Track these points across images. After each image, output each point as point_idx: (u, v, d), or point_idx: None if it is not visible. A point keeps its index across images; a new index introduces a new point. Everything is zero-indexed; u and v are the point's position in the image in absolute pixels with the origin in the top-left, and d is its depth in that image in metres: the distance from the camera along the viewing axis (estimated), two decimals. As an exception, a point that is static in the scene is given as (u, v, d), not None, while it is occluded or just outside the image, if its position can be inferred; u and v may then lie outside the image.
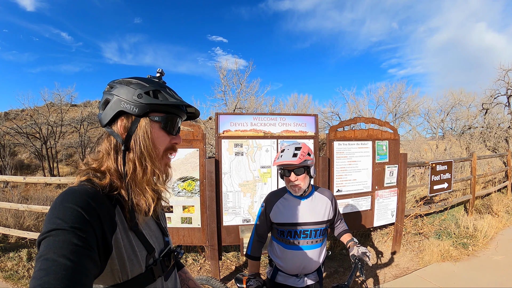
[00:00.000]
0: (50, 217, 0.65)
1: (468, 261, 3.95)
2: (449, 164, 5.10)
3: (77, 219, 0.65)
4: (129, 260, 0.78)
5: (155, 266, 0.86)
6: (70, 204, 0.67)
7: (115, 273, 0.75)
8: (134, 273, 0.79)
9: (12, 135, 17.32)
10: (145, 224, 0.91)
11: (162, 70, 0.94)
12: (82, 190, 0.73)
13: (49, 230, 0.62)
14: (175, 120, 0.89)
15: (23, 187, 10.94)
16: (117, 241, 0.75)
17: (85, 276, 0.59)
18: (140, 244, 0.83)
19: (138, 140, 0.82)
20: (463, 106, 16.13)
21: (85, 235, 0.64)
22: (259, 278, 1.81)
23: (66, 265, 0.57)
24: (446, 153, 11.06)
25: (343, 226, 2.06)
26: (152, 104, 0.82)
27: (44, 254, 0.58)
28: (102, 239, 0.70)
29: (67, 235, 0.61)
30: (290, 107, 19.36)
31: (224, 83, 13.01)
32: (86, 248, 0.63)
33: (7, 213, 5.02)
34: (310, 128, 3.53)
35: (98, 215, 0.71)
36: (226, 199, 3.38)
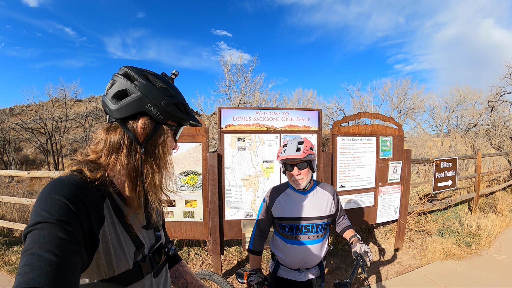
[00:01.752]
0: (36, 209, 0.63)
1: (471, 259, 3.92)
2: (453, 162, 5.06)
3: (63, 212, 0.63)
4: (115, 255, 0.76)
5: (143, 262, 0.84)
6: (57, 196, 0.65)
7: (101, 268, 0.73)
8: (121, 269, 0.77)
9: (17, 131, 17.47)
10: (135, 218, 0.88)
11: (177, 71, 0.94)
12: (70, 181, 0.71)
13: (34, 223, 0.60)
14: (181, 130, 0.95)
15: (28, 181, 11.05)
16: (104, 235, 0.73)
17: (71, 272, 0.58)
18: (128, 239, 0.81)
19: (157, 145, 0.84)
20: (468, 103, 16.00)
21: (71, 228, 0.62)
22: (260, 273, 1.82)
23: (52, 260, 0.55)
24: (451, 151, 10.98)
25: (346, 222, 2.06)
26: (177, 117, 0.87)
27: (30, 249, 0.57)
28: (89, 232, 0.69)
29: (52, 228, 0.60)
30: (294, 102, 19.31)
31: (228, 78, 12.99)
32: (72, 242, 0.61)
33: (12, 207, 5.11)
34: (313, 122, 3.51)
35: (85, 207, 0.69)
36: (229, 194, 3.38)
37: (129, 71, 0.83)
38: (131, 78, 0.82)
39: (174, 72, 0.92)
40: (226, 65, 12.95)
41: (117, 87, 0.82)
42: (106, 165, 0.81)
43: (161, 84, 0.83)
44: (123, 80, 0.82)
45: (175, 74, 0.92)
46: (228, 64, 12.99)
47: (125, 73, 0.83)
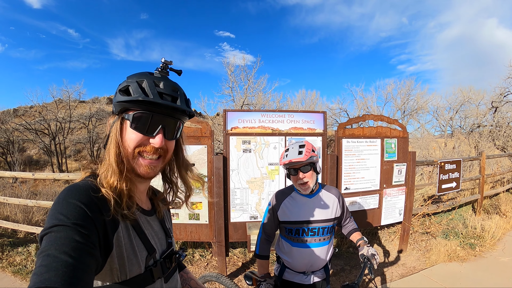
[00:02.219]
0: (53, 213, 0.65)
1: (475, 261, 3.91)
2: (458, 163, 5.04)
3: (79, 216, 0.65)
4: (128, 259, 0.77)
5: (155, 267, 0.85)
6: (73, 200, 0.67)
7: (114, 272, 0.75)
8: (133, 273, 0.78)
9: (21, 131, 17.59)
10: (148, 224, 0.90)
11: (165, 59, 0.87)
12: (85, 186, 0.73)
13: (51, 226, 0.62)
14: (146, 117, 0.80)
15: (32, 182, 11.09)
16: (118, 239, 0.75)
17: (86, 274, 0.59)
18: (141, 244, 0.83)
19: (110, 138, 0.81)
20: (472, 104, 15.89)
21: (87, 232, 0.64)
22: (269, 280, 1.83)
23: (67, 262, 0.56)
24: (454, 152, 10.93)
25: (352, 225, 2.06)
26: (120, 102, 0.79)
27: (46, 250, 0.58)
28: (103, 236, 0.70)
29: (69, 231, 0.61)
30: (297, 103, 19.25)
31: (231, 79, 13.00)
32: (88, 245, 0.62)
33: (16, 208, 5.12)
34: (318, 125, 3.52)
35: (101, 212, 0.70)
36: (234, 196, 3.40)
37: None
38: None
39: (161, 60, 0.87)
40: (230, 67, 12.97)
41: None
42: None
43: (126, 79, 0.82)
44: None
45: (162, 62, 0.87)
46: (231, 65, 13.01)
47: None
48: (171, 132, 0.86)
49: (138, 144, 0.81)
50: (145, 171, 0.83)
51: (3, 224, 4.40)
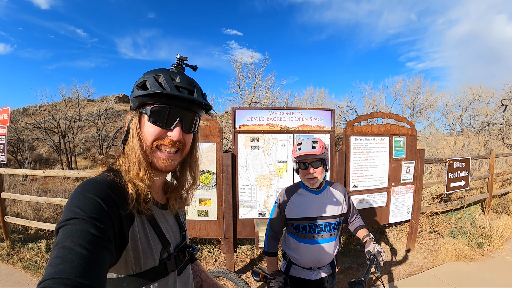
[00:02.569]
0: (70, 206, 0.66)
1: (482, 261, 3.88)
2: (466, 162, 4.99)
3: (95, 209, 0.66)
4: (143, 253, 0.78)
5: (169, 260, 0.87)
6: (90, 194, 0.68)
7: (128, 264, 0.76)
8: (147, 266, 0.80)
9: (31, 130, 17.86)
10: (163, 217, 0.92)
11: (180, 55, 0.88)
12: (103, 181, 0.74)
13: (67, 219, 0.63)
14: (165, 111, 0.81)
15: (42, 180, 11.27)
16: (133, 233, 0.76)
17: (100, 266, 0.60)
18: (156, 238, 0.84)
19: (130, 133, 0.83)
20: (482, 102, 15.68)
21: (103, 225, 0.65)
22: (279, 278, 1.84)
23: (82, 254, 0.57)
24: (464, 150, 10.80)
25: (359, 222, 2.07)
26: (138, 97, 0.81)
27: (61, 242, 0.59)
28: (119, 230, 0.71)
29: (85, 224, 0.62)
30: (306, 101, 19.21)
31: (239, 77, 13.04)
32: (103, 238, 0.63)
33: (27, 205, 5.21)
34: (326, 122, 3.52)
35: (117, 206, 0.72)
36: (242, 193, 3.43)
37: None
38: None
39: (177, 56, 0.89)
40: (237, 65, 13.01)
41: None
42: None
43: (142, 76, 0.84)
44: None
45: (178, 58, 0.89)
46: (239, 64, 13.04)
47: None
48: (188, 125, 0.87)
49: (156, 137, 0.82)
50: (163, 164, 0.84)
51: (14, 221, 4.48)
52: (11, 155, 16.13)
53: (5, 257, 3.97)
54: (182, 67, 0.88)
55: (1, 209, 4.43)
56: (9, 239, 4.40)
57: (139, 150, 0.80)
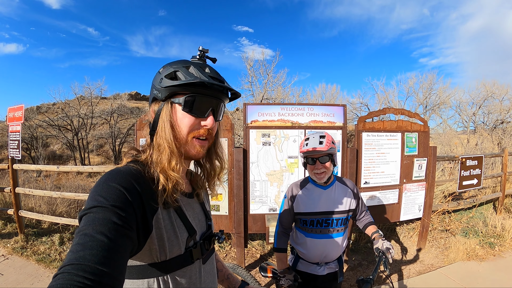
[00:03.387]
0: (93, 195, 0.67)
1: (493, 261, 3.82)
2: (479, 159, 4.91)
3: (119, 198, 0.66)
4: (169, 241, 0.79)
5: (194, 248, 0.87)
6: (114, 184, 0.69)
7: (153, 252, 0.77)
8: (173, 254, 0.81)
9: (45, 128, 18.25)
10: (189, 206, 0.93)
11: (202, 47, 0.90)
12: (127, 171, 0.75)
13: (90, 207, 0.64)
14: (199, 100, 0.82)
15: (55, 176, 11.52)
16: (158, 221, 0.77)
17: (120, 255, 0.60)
18: (182, 226, 0.85)
19: (161, 124, 0.82)
20: (495, 99, 15.33)
21: (125, 214, 0.65)
22: (289, 275, 1.85)
23: (103, 242, 0.58)
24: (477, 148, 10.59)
25: (368, 218, 2.05)
26: (169, 87, 0.81)
27: (83, 230, 0.59)
28: (142, 219, 0.71)
29: (107, 212, 0.63)
30: (318, 97, 19.09)
31: (251, 74, 13.02)
32: (125, 227, 0.63)
33: (41, 200, 5.32)
34: (338, 118, 3.52)
35: (140, 196, 0.72)
36: (254, 188, 3.45)
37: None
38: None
39: (199, 48, 0.90)
40: (249, 61, 12.99)
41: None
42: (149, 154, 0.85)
43: (165, 66, 0.85)
44: None
45: (200, 50, 0.90)
46: (250, 60, 13.02)
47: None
48: (218, 113, 0.88)
49: (192, 127, 0.83)
50: (197, 151, 0.86)
51: (28, 215, 4.59)
52: (25, 152, 16.53)
53: (19, 250, 4.08)
54: (204, 59, 0.89)
55: (16, 203, 4.56)
56: (23, 233, 4.53)
57: (173, 140, 0.81)
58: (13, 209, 4.59)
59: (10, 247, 4.19)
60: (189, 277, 0.86)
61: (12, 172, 4.58)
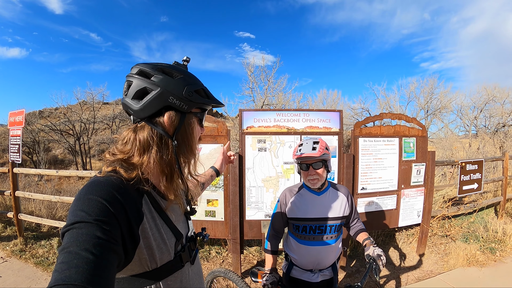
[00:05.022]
0: (74, 209, 0.65)
1: (494, 267, 3.76)
2: (479, 164, 4.87)
3: (101, 212, 0.64)
4: (158, 248, 0.78)
5: (183, 252, 0.88)
6: (95, 196, 0.66)
7: (143, 262, 0.76)
8: (164, 261, 0.80)
9: (47, 132, 18.36)
10: (172, 209, 0.91)
11: (188, 57, 0.94)
12: (108, 182, 0.72)
13: (72, 223, 0.62)
14: (205, 114, 0.96)
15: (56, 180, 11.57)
16: (144, 231, 0.75)
17: (107, 270, 0.59)
18: (169, 231, 0.84)
19: (187, 135, 0.85)
20: (497, 103, 15.29)
21: (109, 227, 0.63)
22: (275, 273, 1.84)
23: (88, 258, 0.56)
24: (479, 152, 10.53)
25: (359, 225, 2.04)
26: (201, 103, 0.88)
27: (67, 247, 0.58)
28: (128, 230, 0.70)
29: (90, 228, 0.61)
30: (319, 103, 19.19)
31: (251, 80, 13.15)
32: (109, 241, 0.62)
33: (40, 204, 5.35)
34: (334, 124, 3.50)
35: (123, 207, 0.70)
36: (249, 194, 3.44)
37: (143, 68, 0.83)
38: (147, 75, 0.82)
39: (185, 59, 0.92)
40: (250, 67, 13.11)
41: (135, 87, 0.81)
42: (139, 164, 0.81)
43: (177, 75, 0.83)
44: (139, 78, 0.81)
45: (186, 61, 0.92)
46: (251, 66, 13.14)
47: (139, 71, 0.83)
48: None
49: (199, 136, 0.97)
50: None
51: (27, 218, 4.61)
52: (27, 156, 16.62)
53: (18, 253, 4.10)
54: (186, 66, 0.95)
55: (16, 207, 4.59)
56: (22, 236, 4.55)
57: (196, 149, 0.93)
58: (13, 212, 4.62)
59: (9, 250, 4.20)
60: (180, 281, 0.87)
61: (12, 176, 4.61)
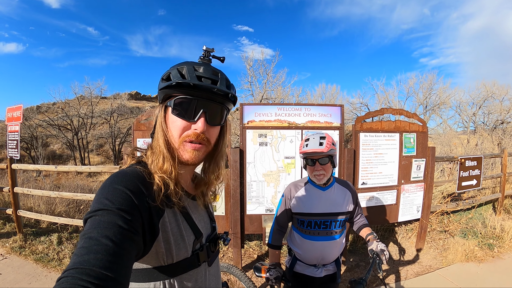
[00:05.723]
0: (99, 197, 0.66)
1: (492, 262, 3.81)
2: (478, 160, 4.89)
3: (124, 201, 0.66)
4: (175, 244, 0.78)
5: (201, 251, 0.87)
6: (120, 186, 0.68)
7: (159, 256, 0.76)
8: (180, 257, 0.80)
9: (44, 127, 18.27)
10: (195, 208, 0.92)
11: (207, 47, 0.87)
12: (133, 173, 0.74)
13: (96, 210, 0.63)
14: (187, 103, 0.79)
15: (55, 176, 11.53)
16: (164, 224, 0.76)
17: (125, 258, 0.60)
18: (188, 229, 0.84)
19: (156, 127, 0.83)
20: (496, 99, 15.32)
21: (131, 217, 0.64)
22: (279, 268, 1.84)
23: (108, 245, 0.57)
24: (477, 149, 10.56)
25: (363, 220, 2.05)
26: (162, 89, 0.80)
27: (88, 233, 0.59)
28: (148, 222, 0.71)
29: (112, 216, 0.62)
30: (317, 97, 19.13)
31: (250, 74, 13.09)
32: (130, 231, 0.63)
33: (39, 200, 5.31)
34: (335, 118, 3.50)
35: (147, 199, 0.71)
36: (250, 189, 3.44)
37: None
38: None
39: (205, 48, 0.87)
40: (248, 61, 13.04)
41: None
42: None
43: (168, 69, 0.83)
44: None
45: (204, 50, 0.87)
46: (250, 60, 13.07)
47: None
48: (213, 117, 0.83)
49: (182, 130, 0.80)
50: (189, 157, 0.82)
51: (26, 215, 4.59)
52: (25, 152, 16.55)
53: (18, 250, 4.08)
54: (208, 59, 0.86)
55: (14, 203, 4.55)
56: (22, 233, 4.52)
57: (164, 143, 0.80)
58: (11, 209, 4.59)
59: (8, 247, 4.18)
60: (195, 280, 0.86)
61: (10, 172, 4.58)
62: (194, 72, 0.78)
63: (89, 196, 4.23)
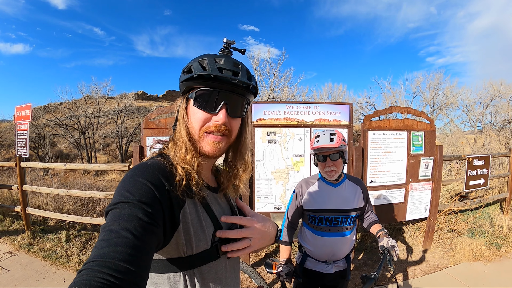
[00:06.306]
0: (120, 190, 0.66)
1: (499, 262, 3.79)
2: (486, 159, 4.87)
3: (145, 194, 0.66)
4: (195, 235, 0.78)
5: (221, 243, 0.85)
6: (141, 179, 0.68)
7: (179, 247, 0.77)
8: (200, 249, 0.80)
9: (52, 127, 18.40)
10: (215, 200, 0.91)
11: (227, 39, 0.87)
12: (154, 165, 0.74)
13: (117, 202, 0.63)
14: (208, 95, 0.79)
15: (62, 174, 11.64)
16: (185, 215, 0.76)
17: (145, 251, 0.59)
18: (208, 220, 0.83)
19: (178, 119, 0.84)
20: (503, 99, 15.14)
21: (152, 210, 0.64)
22: (290, 264, 1.86)
23: (128, 238, 0.57)
24: (484, 149, 10.46)
25: (373, 217, 2.06)
26: (183, 82, 0.81)
27: (109, 225, 0.59)
28: (169, 214, 0.71)
29: (133, 208, 0.62)
30: (324, 96, 19.08)
31: (257, 73, 13.07)
32: (151, 223, 0.62)
33: (47, 198, 5.37)
34: (344, 117, 3.51)
35: (168, 191, 0.71)
36: (259, 186, 3.46)
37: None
38: None
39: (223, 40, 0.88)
40: (255, 61, 13.03)
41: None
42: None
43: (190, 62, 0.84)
44: None
45: (224, 42, 0.88)
46: (256, 59, 13.07)
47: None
48: (235, 109, 0.83)
49: (203, 122, 0.81)
50: (210, 149, 0.82)
51: (35, 212, 4.64)
52: (33, 151, 16.71)
53: (26, 247, 4.12)
54: (229, 51, 0.87)
55: (23, 201, 4.61)
56: (30, 230, 4.58)
57: (186, 135, 0.81)
58: (20, 207, 4.65)
59: (17, 244, 4.24)
60: (215, 272, 0.86)
61: (19, 170, 4.63)
62: (215, 64, 0.79)
63: (97, 194, 4.28)
